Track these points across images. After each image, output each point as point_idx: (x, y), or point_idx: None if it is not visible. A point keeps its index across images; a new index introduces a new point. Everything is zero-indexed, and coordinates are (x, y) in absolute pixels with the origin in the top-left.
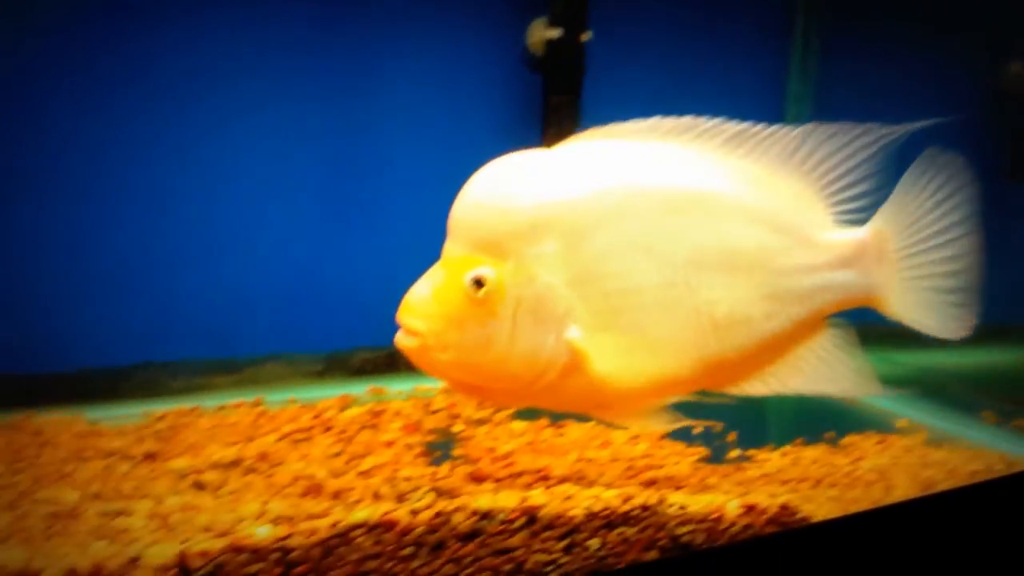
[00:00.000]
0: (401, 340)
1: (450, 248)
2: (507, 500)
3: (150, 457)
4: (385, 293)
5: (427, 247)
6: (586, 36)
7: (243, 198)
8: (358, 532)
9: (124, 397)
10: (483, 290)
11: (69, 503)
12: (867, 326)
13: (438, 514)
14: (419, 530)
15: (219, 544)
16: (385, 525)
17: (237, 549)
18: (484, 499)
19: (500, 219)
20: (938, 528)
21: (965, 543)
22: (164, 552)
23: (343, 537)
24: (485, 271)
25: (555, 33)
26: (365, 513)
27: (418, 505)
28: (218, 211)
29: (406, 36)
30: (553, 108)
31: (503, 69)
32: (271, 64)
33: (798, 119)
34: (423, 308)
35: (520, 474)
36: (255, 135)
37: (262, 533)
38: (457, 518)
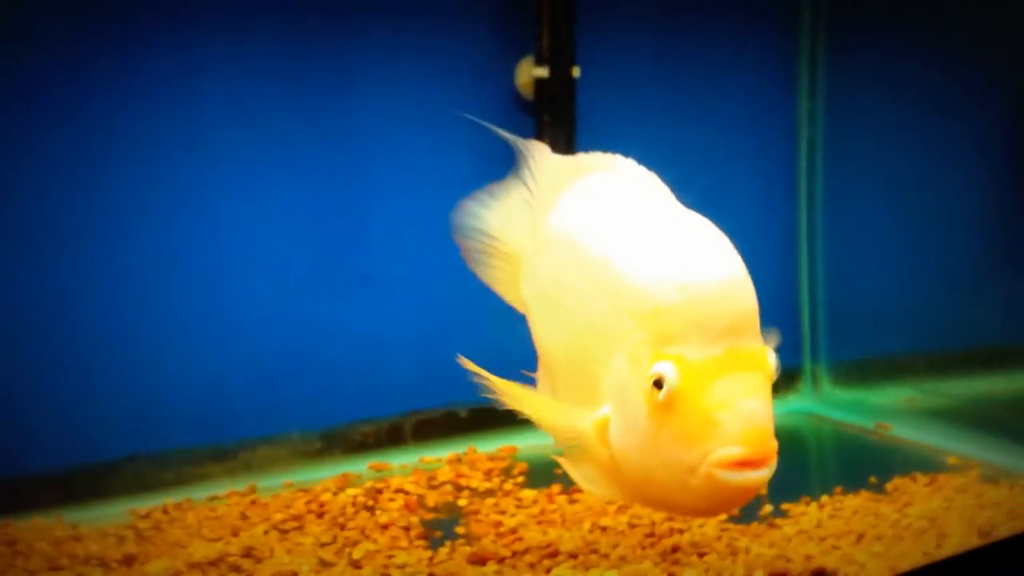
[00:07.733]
0: (762, 476)
1: (738, 346)
2: None
3: (127, 561)
4: (380, 359)
5: (421, 302)
6: (576, 72)
7: (223, 273)
8: None
9: (111, 495)
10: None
11: None
12: (911, 356)
13: None
14: None
15: None
16: None
17: None
18: None
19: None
20: None
21: None
22: None
23: None
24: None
25: (543, 71)
26: None
27: None
28: (197, 290)
29: (391, 82)
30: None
31: (493, 111)
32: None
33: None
34: (772, 426)
35: (526, 551)
36: (231, 210)
37: None
38: None
